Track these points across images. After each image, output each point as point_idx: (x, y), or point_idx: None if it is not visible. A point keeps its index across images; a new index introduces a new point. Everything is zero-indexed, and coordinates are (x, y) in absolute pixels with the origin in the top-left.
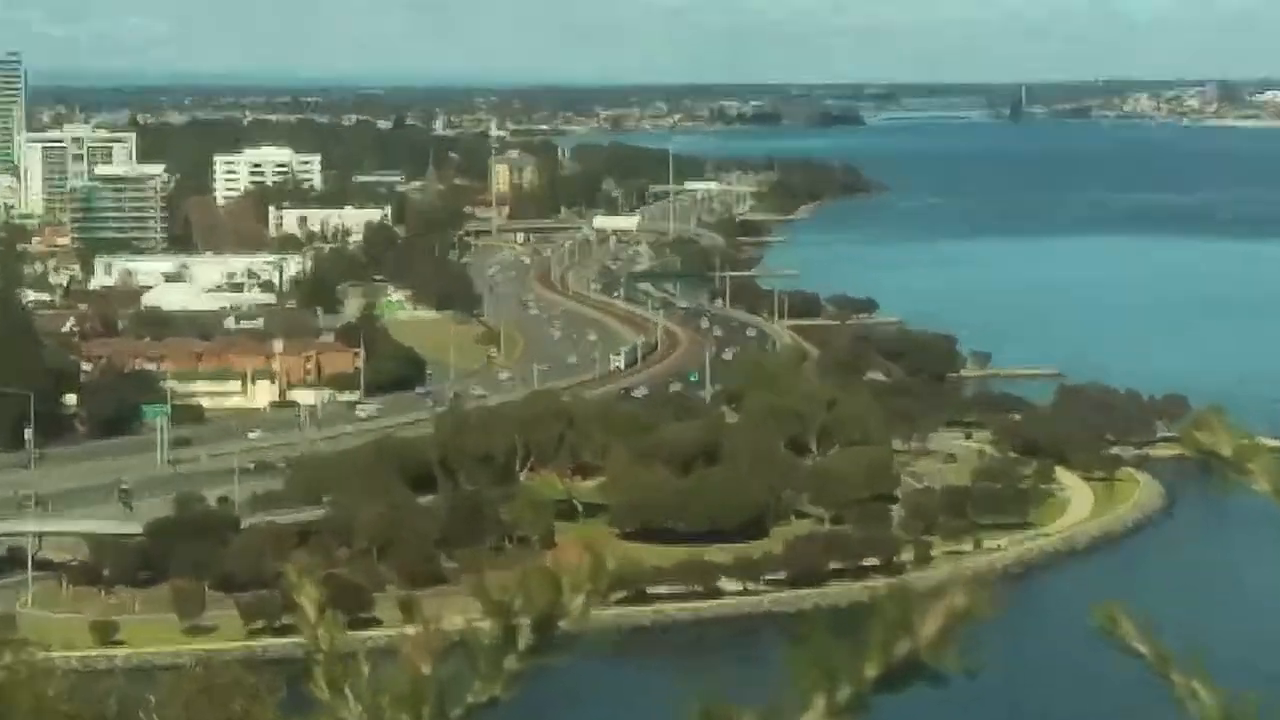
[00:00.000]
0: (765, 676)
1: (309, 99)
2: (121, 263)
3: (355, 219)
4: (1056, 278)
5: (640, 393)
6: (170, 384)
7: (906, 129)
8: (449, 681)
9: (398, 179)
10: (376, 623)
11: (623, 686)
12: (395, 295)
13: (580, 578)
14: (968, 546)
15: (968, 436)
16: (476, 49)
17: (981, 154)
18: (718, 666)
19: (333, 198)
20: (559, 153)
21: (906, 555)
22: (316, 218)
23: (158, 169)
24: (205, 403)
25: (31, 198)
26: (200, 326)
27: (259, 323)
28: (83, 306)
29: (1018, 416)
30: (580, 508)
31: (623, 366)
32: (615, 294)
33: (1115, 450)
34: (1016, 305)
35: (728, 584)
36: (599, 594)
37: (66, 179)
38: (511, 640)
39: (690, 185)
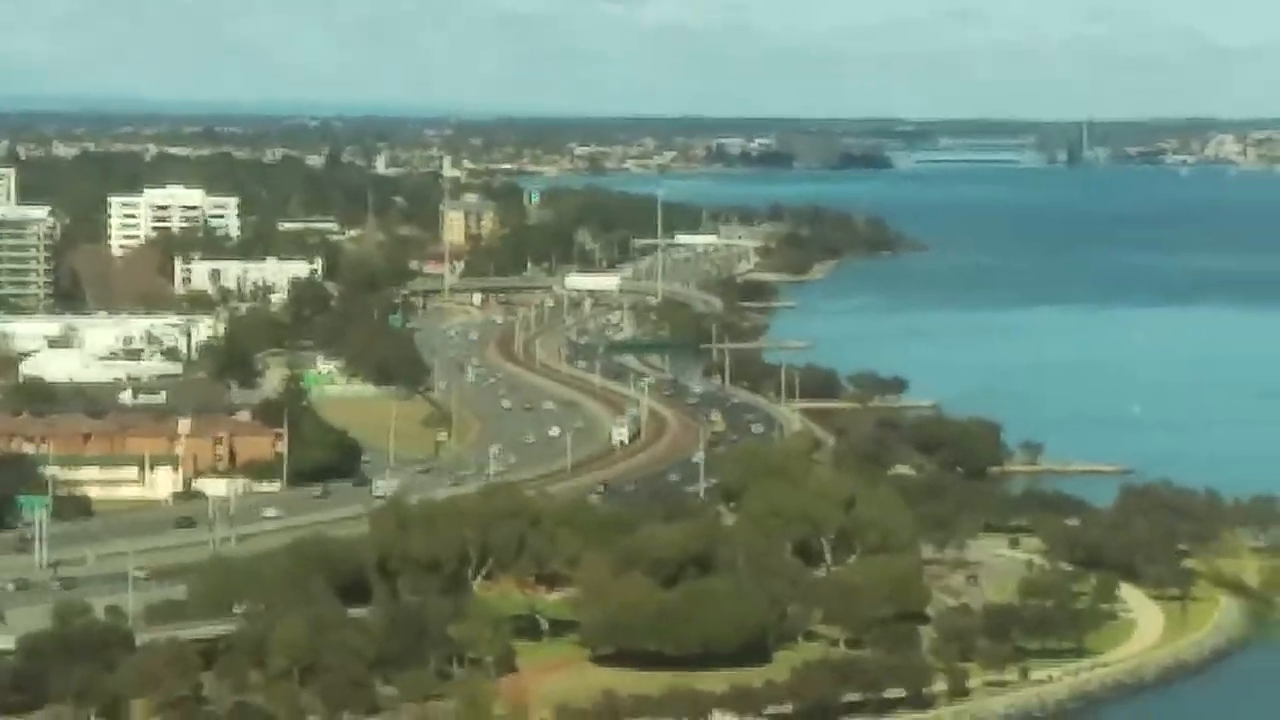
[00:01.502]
0: None
1: (225, 129)
2: None
3: (279, 274)
4: (1120, 355)
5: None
6: (52, 470)
7: (942, 174)
8: None
9: (331, 226)
10: None
11: None
12: (325, 366)
13: None
14: (1012, 676)
15: (1014, 544)
16: (427, 73)
17: (1033, 207)
18: None
19: (252, 248)
20: (525, 198)
21: (938, 686)
22: (232, 271)
23: (41, 212)
24: (94, 493)
25: None
26: (90, 401)
27: (161, 397)
28: None
29: (1074, 521)
30: (545, 625)
31: (627, 440)
32: (590, 367)
33: (1191, 563)
34: (1073, 388)
35: (722, 718)
36: None
37: None
38: None
39: (682, 238)
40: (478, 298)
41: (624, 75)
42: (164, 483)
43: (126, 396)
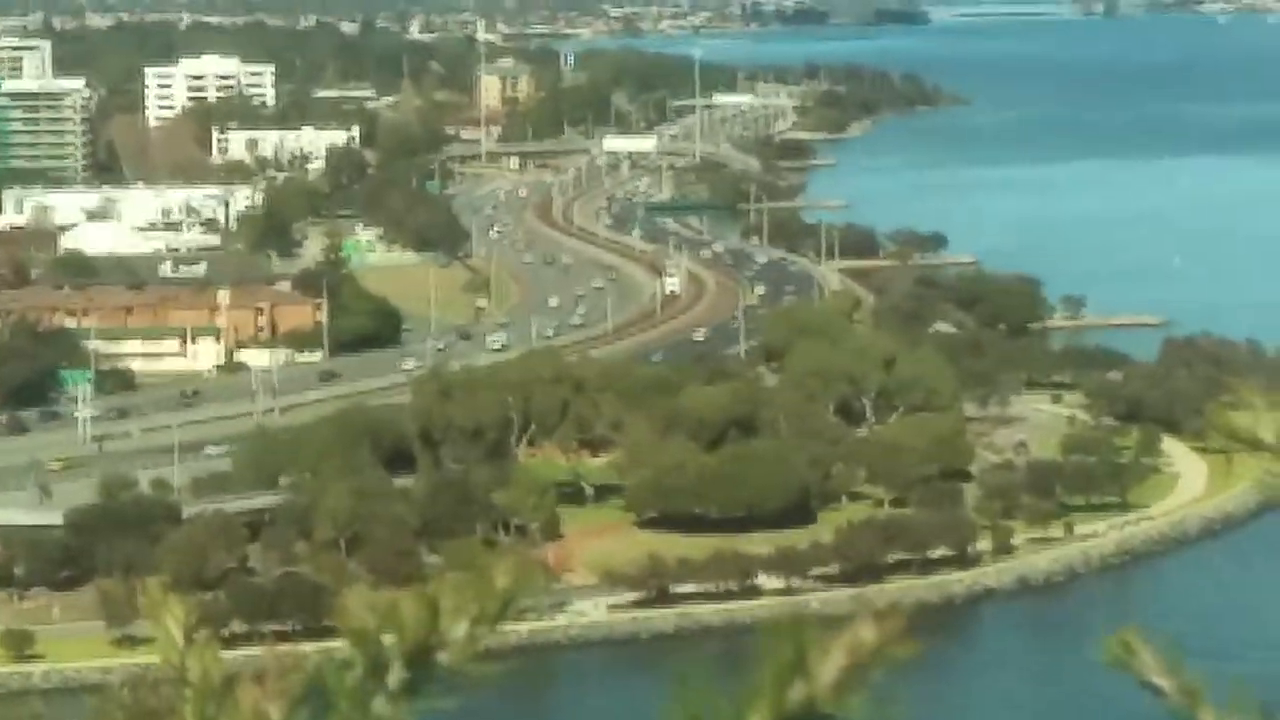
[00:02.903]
0: None
1: None
2: (35, 197)
3: (316, 142)
4: (1161, 207)
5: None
6: (95, 344)
7: (979, 29)
8: None
9: (367, 94)
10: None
11: (639, 709)
12: (364, 234)
13: (463, 600)
14: (1056, 532)
15: (1056, 399)
16: None
17: (1070, 60)
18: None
19: (288, 116)
20: (561, 61)
21: (983, 543)
22: (269, 141)
23: (78, 83)
24: (137, 366)
25: None
26: (130, 274)
27: (200, 269)
28: None
29: (1116, 375)
30: (589, 490)
31: (679, 290)
32: (629, 230)
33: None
34: (1113, 241)
35: (767, 580)
36: (487, 620)
37: None
38: (379, 677)
39: (719, 99)
40: (515, 162)
41: None
42: (206, 354)
43: (166, 268)
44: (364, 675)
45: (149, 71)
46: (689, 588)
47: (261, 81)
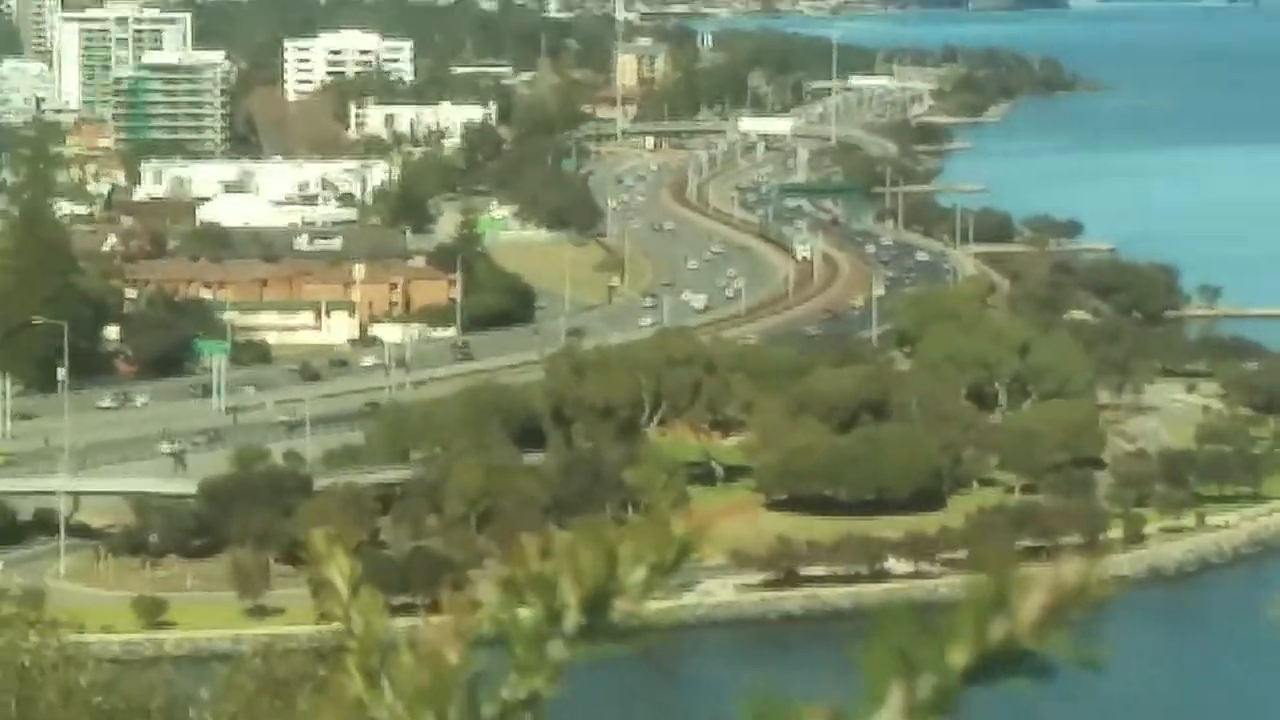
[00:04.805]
0: None
1: None
2: (174, 169)
3: (452, 118)
4: None
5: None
6: (230, 316)
7: (1121, 13)
8: (481, 674)
9: (504, 70)
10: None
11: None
12: (499, 211)
13: (641, 547)
14: (1189, 522)
15: (1191, 389)
16: None
17: (1214, 45)
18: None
19: (426, 92)
20: (698, 40)
21: (1114, 531)
22: (406, 116)
23: (217, 56)
24: (271, 338)
25: (67, 90)
26: (266, 246)
27: (336, 243)
28: (127, 221)
29: (1253, 365)
30: (719, 470)
31: (810, 255)
32: (763, 212)
33: None
34: (1254, 230)
35: (896, 564)
36: (663, 568)
37: (109, 68)
38: (555, 624)
39: (856, 81)
40: (650, 141)
41: None
42: (340, 328)
43: (302, 242)
44: (540, 620)
45: (288, 45)
46: (817, 570)
47: (400, 57)
